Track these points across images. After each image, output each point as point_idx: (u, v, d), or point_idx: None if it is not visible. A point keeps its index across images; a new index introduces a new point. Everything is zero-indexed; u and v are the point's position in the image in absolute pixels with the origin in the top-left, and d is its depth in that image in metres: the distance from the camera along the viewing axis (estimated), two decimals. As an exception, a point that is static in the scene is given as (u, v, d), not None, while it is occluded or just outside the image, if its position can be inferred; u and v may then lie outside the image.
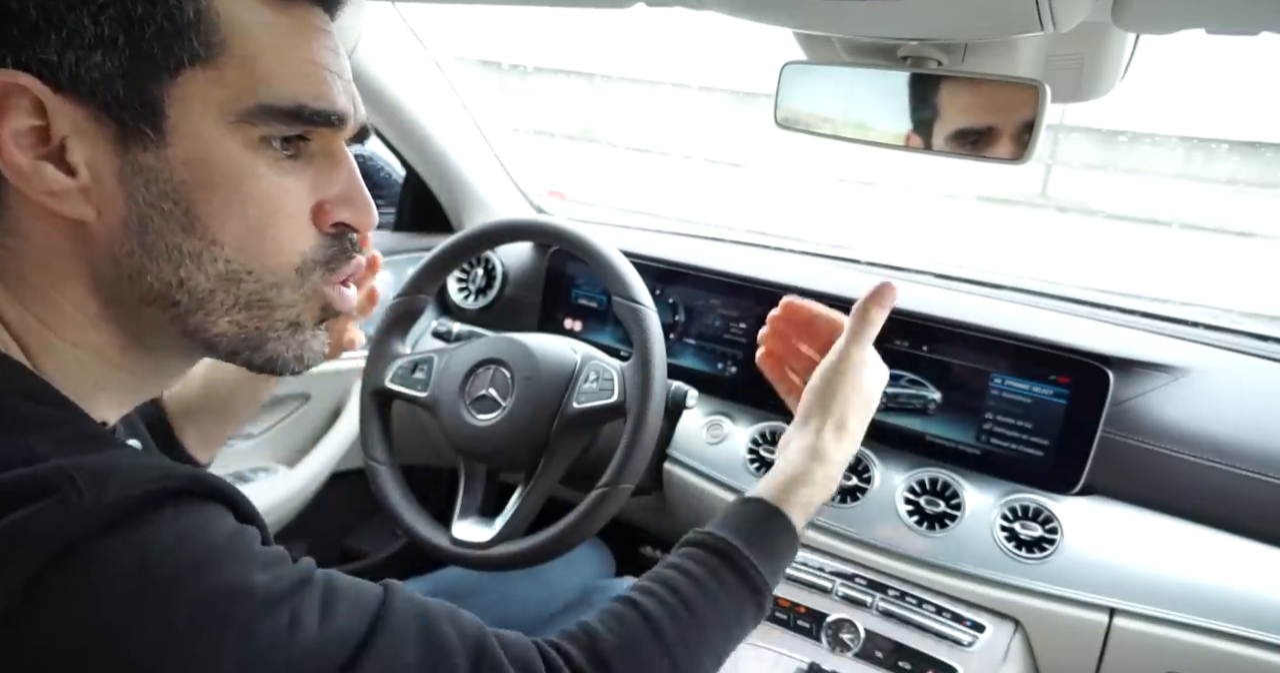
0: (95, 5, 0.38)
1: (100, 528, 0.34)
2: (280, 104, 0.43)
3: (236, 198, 0.43)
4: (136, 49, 0.40)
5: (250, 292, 0.45)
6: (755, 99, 6.55)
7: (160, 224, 0.42)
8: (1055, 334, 0.98)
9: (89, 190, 0.41)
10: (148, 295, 0.44)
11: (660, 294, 1.21)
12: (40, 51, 0.38)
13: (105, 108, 0.40)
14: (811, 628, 0.99)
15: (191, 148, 0.42)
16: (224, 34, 0.41)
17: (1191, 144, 5.91)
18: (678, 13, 0.68)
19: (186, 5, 0.40)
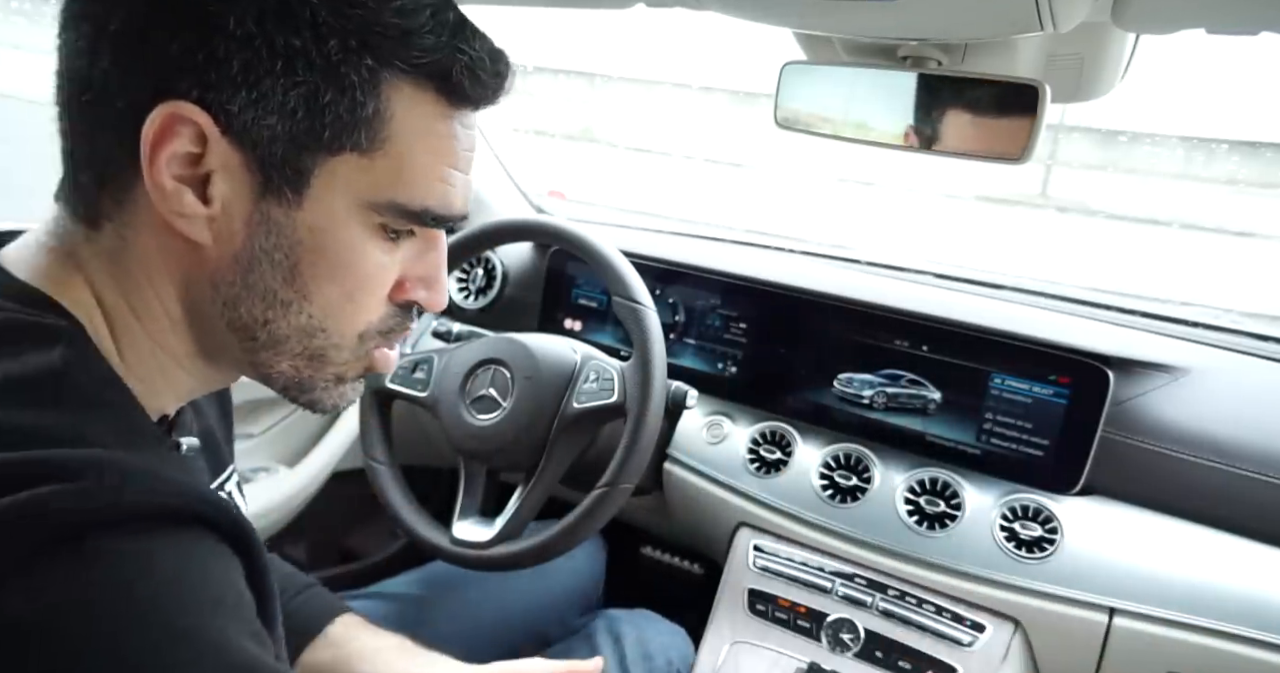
0: (292, 80, 0.42)
1: (109, 525, 0.35)
2: (410, 206, 0.47)
3: (339, 268, 0.47)
4: (310, 125, 0.43)
5: (318, 346, 0.49)
6: (755, 99, 6.56)
7: (266, 269, 0.46)
8: (1055, 334, 0.98)
9: (215, 221, 0.44)
10: (234, 323, 0.47)
11: (660, 294, 1.21)
12: (226, 99, 0.42)
13: (259, 161, 0.43)
14: (811, 628, 0.99)
15: (319, 217, 0.45)
16: (388, 132, 0.45)
17: (1191, 144, 5.91)
18: (678, 13, 0.68)
19: (368, 101, 0.44)
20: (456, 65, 0.46)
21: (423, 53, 0.45)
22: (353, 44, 0.43)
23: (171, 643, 0.34)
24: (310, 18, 0.42)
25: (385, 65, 0.44)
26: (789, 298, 1.13)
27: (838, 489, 1.03)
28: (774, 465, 1.07)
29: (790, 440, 1.09)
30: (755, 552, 1.05)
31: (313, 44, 0.42)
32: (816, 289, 1.11)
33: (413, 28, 0.44)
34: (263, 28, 0.41)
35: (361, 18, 0.43)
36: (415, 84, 0.45)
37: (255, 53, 0.41)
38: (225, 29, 0.41)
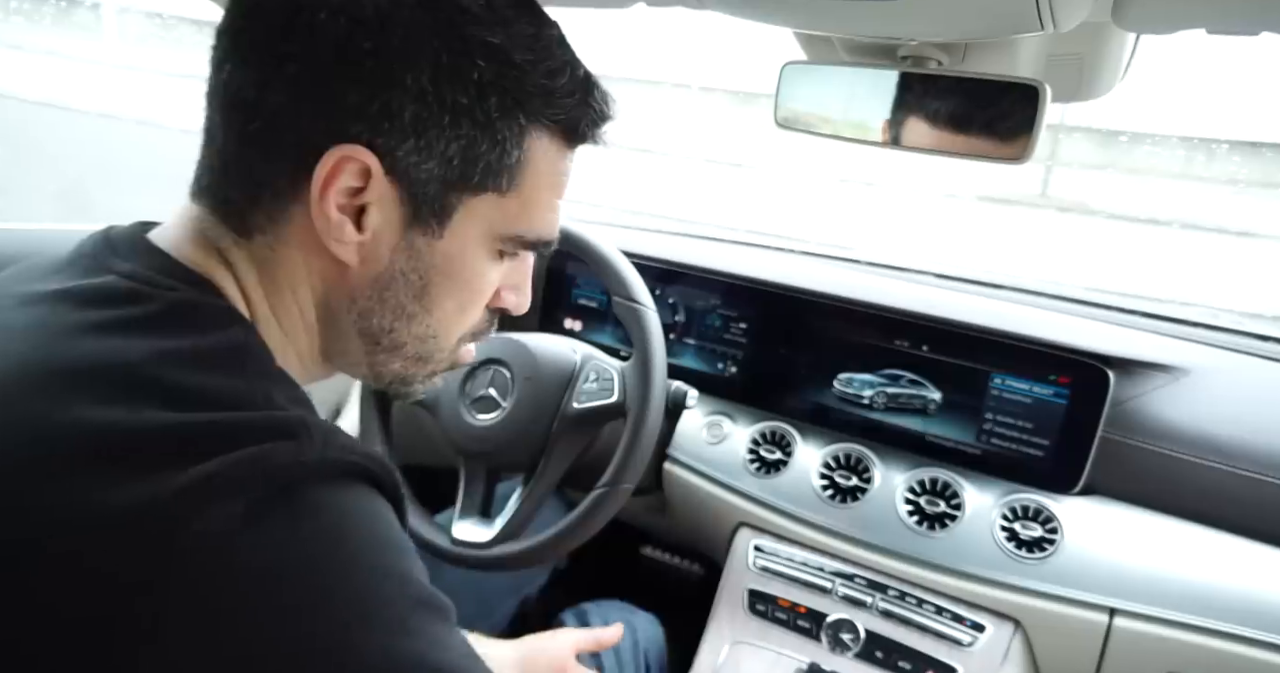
0: (455, 132, 0.47)
1: (318, 478, 0.40)
2: (528, 237, 0.54)
3: (461, 287, 0.54)
4: (463, 170, 0.49)
5: (428, 350, 0.56)
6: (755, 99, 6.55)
7: (400, 287, 0.52)
8: (1055, 334, 0.98)
9: (364, 246, 0.49)
10: (364, 331, 0.53)
11: (660, 294, 1.21)
12: (394, 145, 0.47)
13: (412, 197, 0.49)
14: (811, 628, 0.99)
15: (454, 246, 0.51)
16: (525, 176, 0.51)
17: (1191, 144, 5.91)
18: (678, 13, 0.68)
19: (513, 150, 0.50)
20: (585, 118, 0.53)
21: (561, 109, 0.51)
22: (509, 103, 0.48)
23: (380, 581, 0.39)
24: (477, 78, 0.47)
25: (532, 120, 0.50)
26: (789, 298, 1.13)
27: (838, 489, 1.03)
28: (774, 465, 1.07)
29: (790, 440, 1.09)
30: (755, 552, 1.05)
31: (476, 102, 0.47)
32: (817, 289, 1.11)
33: (556, 88, 0.50)
34: (436, 85, 0.46)
35: (518, 79, 0.48)
36: (550, 134, 0.52)
37: (426, 107, 0.46)
38: (403, 85, 0.46)
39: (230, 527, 0.36)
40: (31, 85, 7.11)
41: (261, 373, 0.46)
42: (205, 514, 0.36)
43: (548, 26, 0.51)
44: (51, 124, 6.49)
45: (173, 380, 0.41)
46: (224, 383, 0.42)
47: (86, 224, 1.24)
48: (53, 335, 0.42)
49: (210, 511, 0.36)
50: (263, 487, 0.37)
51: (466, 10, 0.47)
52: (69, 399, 0.39)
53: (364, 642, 0.37)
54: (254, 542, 0.36)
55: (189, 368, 0.42)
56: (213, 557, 0.35)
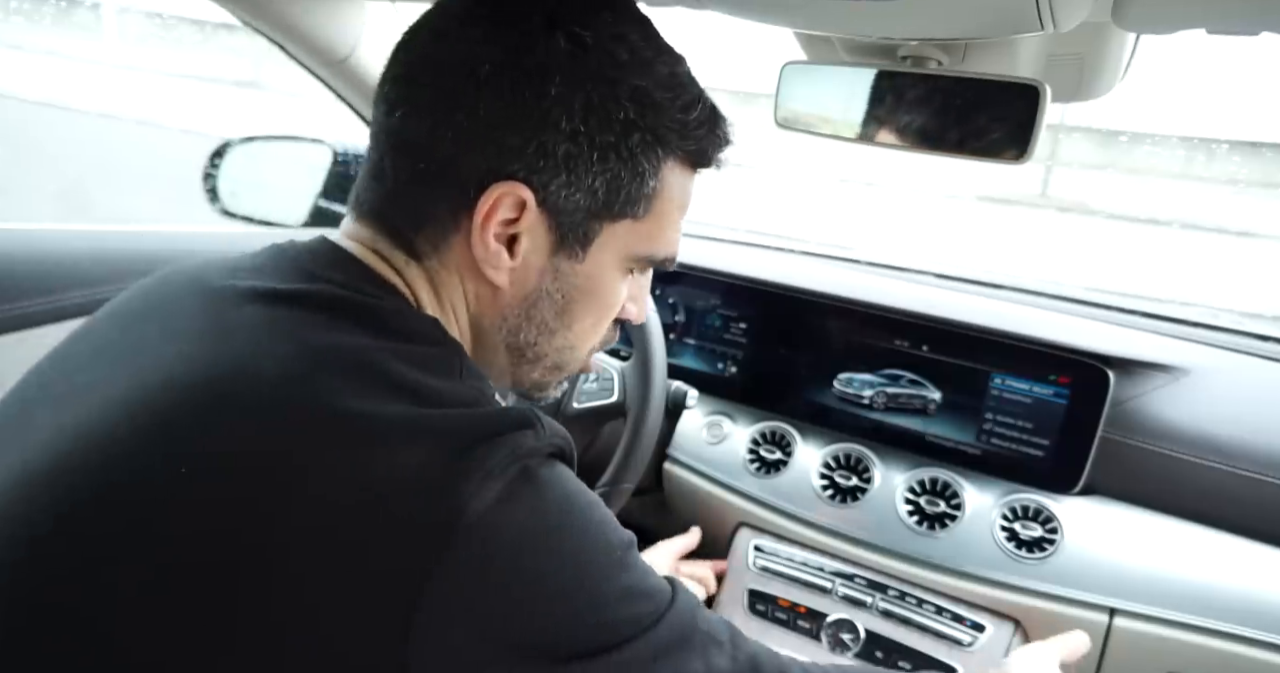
0: (603, 168, 0.52)
1: (544, 459, 0.46)
2: (656, 257, 0.59)
3: (598, 304, 0.58)
4: (606, 200, 0.53)
5: (565, 360, 0.61)
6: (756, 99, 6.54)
7: (544, 305, 0.57)
8: (1055, 334, 0.98)
9: (516, 270, 0.54)
10: (511, 343, 0.58)
11: (660, 294, 1.21)
12: (548, 181, 0.51)
13: (559, 226, 0.53)
14: (812, 628, 0.99)
15: (593, 268, 0.56)
16: (658, 202, 0.55)
17: (1191, 144, 5.91)
18: (678, 12, 0.68)
19: (650, 180, 0.54)
20: (714, 145, 0.57)
21: (694, 140, 0.55)
22: (650, 139, 0.53)
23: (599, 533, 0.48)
24: (623, 117, 0.51)
25: (669, 152, 0.54)
26: (789, 298, 1.13)
27: (838, 489, 1.03)
28: (774, 465, 1.07)
29: (790, 440, 1.09)
30: (755, 552, 1.05)
31: (622, 139, 0.52)
32: (817, 289, 1.11)
33: (689, 122, 0.54)
34: (586, 126, 0.50)
35: (657, 116, 0.53)
36: (682, 163, 0.56)
37: (577, 145, 0.51)
38: (558, 126, 0.50)
39: (494, 505, 0.42)
40: (31, 85, 7.12)
41: (475, 375, 0.52)
42: (478, 495, 0.42)
43: (680, 64, 0.55)
44: (51, 124, 6.49)
45: (414, 379, 0.46)
46: (456, 384, 0.49)
47: (87, 224, 1.25)
48: (303, 333, 0.48)
49: (482, 492, 0.42)
50: (515, 469, 0.44)
51: (614, 56, 0.51)
52: (334, 390, 0.44)
53: (604, 579, 0.46)
54: (511, 515, 0.43)
55: (421, 369, 0.47)
56: (484, 531, 0.41)
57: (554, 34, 0.51)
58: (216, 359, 0.47)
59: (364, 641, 0.39)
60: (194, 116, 6.23)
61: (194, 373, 0.46)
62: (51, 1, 7.86)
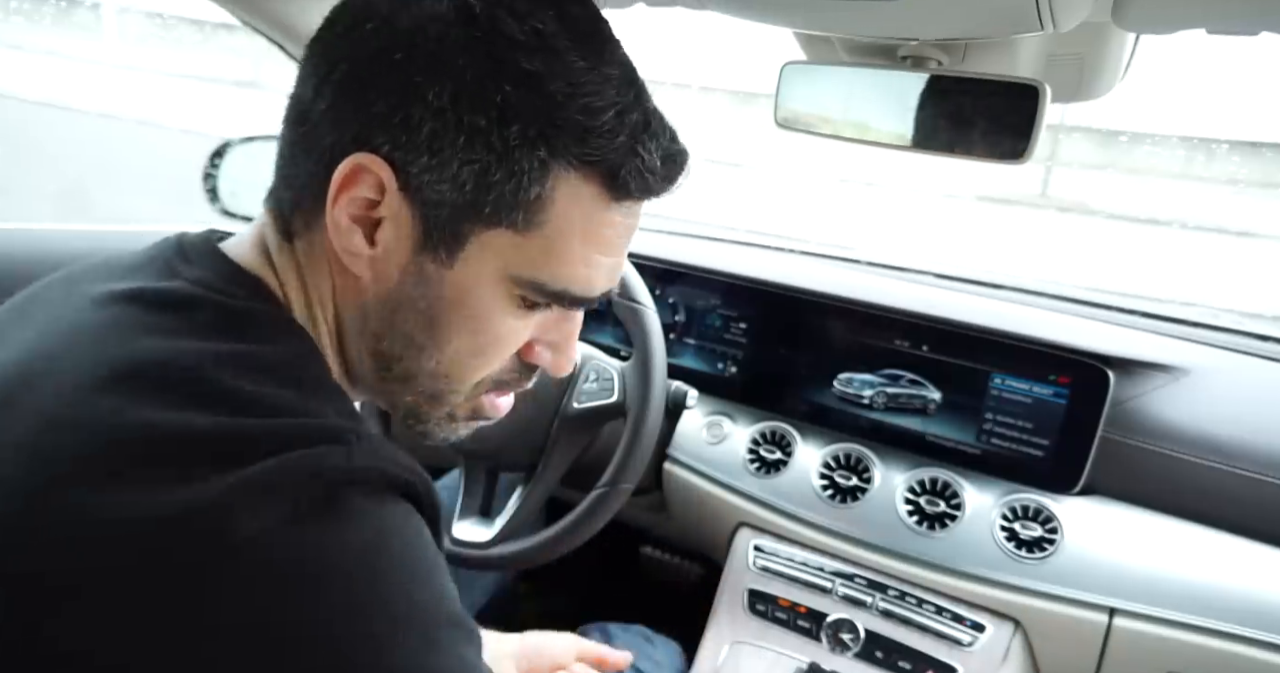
0: (469, 155, 0.45)
1: (363, 487, 0.40)
2: (550, 287, 0.50)
3: (473, 326, 0.50)
4: (474, 197, 0.46)
5: (439, 388, 0.53)
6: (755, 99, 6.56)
7: (409, 313, 0.50)
8: (1055, 334, 0.98)
9: (376, 261, 0.48)
10: (375, 354, 0.52)
11: (660, 294, 1.21)
12: (409, 160, 0.46)
13: (424, 219, 0.47)
14: (811, 628, 0.99)
15: (464, 278, 0.49)
16: (546, 216, 0.47)
17: (1191, 144, 5.91)
18: (678, 13, 0.68)
19: (533, 187, 0.46)
20: (627, 166, 0.48)
21: (596, 151, 0.47)
22: (531, 133, 0.45)
23: (413, 595, 0.40)
24: (499, 102, 0.45)
25: (556, 157, 0.46)
26: (789, 298, 1.13)
27: (838, 489, 1.03)
28: (774, 465, 1.07)
29: (790, 440, 1.09)
30: (755, 552, 1.05)
31: (495, 126, 0.45)
32: (817, 289, 1.11)
33: (593, 126, 0.46)
34: (456, 104, 0.45)
35: (545, 110, 0.45)
36: (582, 176, 0.48)
37: (444, 124, 0.45)
38: (424, 99, 0.45)
39: (276, 526, 0.37)
40: (31, 85, 7.11)
41: (317, 382, 0.46)
42: (255, 513, 0.37)
43: (610, 65, 0.48)
44: (51, 124, 6.49)
45: (233, 386, 0.41)
46: (280, 391, 0.43)
47: (87, 224, 1.24)
48: (121, 337, 0.44)
49: (260, 510, 0.37)
50: (309, 489, 0.38)
51: (505, 33, 0.45)
52: (134, 400, 0.40)
53: (392, 654, 0.38)
54: (298, 541, 0.37)
55: (248, 374, 0.42)
56: (259, 554, 0.36)
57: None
58: (25, 365, 0.43)
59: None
60: (194, 116, 6.23)
61: (5, 378, 0.42)
62: (51, 1, 7.85)
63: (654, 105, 0.50)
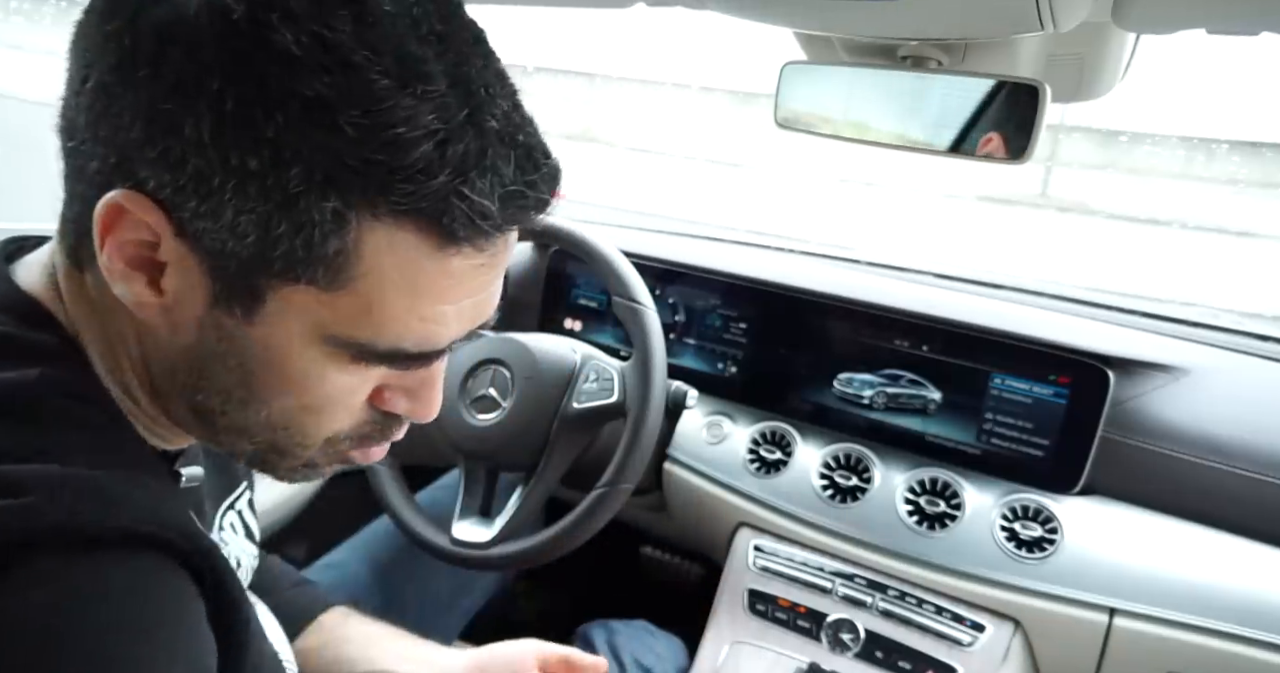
0: (243, 204, 0.36)
1: (50, 546, 0.34)
2: (377, 348, 0.41)
3: (297, 387, 0.42)
4: (260, 250, 0.37)
5: (280, 441, 0.45)
6: (755, 99, 6.56)
7: (219, 369, 0.42)
8: (1055, 334, 0.98)
9: (169, 312, 0.40)
10: (193, 405, 0.44)
11: (660, 294, 1.21)
12: (180, 202, 0.37)
13: (212, 270, 0.38)
14: (811, 628, 0.99)
15: (271, 337, 0.40)
16: (356, 273, 0.38)
17: (1191, 144, 5.91)
18: (678, 13, 0.68)
19: (330, 241, 0.37)
20: (451, 212, 0.37)
21: (406, 198, 0.37)
22: (317, 178, 0.36)
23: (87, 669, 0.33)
24: (273, 138, 0.35)
25: (353, 208, 0.37)
26: (789, 298, 1.13)
27: (838, 489, 1.03)
28: (774, 465, 1.07)
29: (790, 440, 1.09)
30: (755, 552, 1.05)
31: (270, 169, 0.35)
32: (817, 289, 1.11)
33: (400, 166, 0.36)
34: (218, 140, 0.35)
35: (334, 150, 0.35)
36: (395, 225, 0.37)
37: (209, 163, 0.36)
38: (180, 132, 0.35)
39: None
40: (31, 85, 7.12)
41: (53, 421, 0.38)
42: None
43: (431, 78, 0.36)
44: (52, 124, 6.48)
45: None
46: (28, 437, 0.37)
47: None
48: None
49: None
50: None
51: (275, 46, 0.34)
52: None
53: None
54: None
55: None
56: None
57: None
58: None
59: None
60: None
61: None
62: (51, 1, 7.85)
63: (498, 123, 0.38)
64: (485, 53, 0.40)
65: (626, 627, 1.01)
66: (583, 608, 1.20)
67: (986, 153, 0.72)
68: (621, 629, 1.01)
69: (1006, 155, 0.70)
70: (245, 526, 0.65)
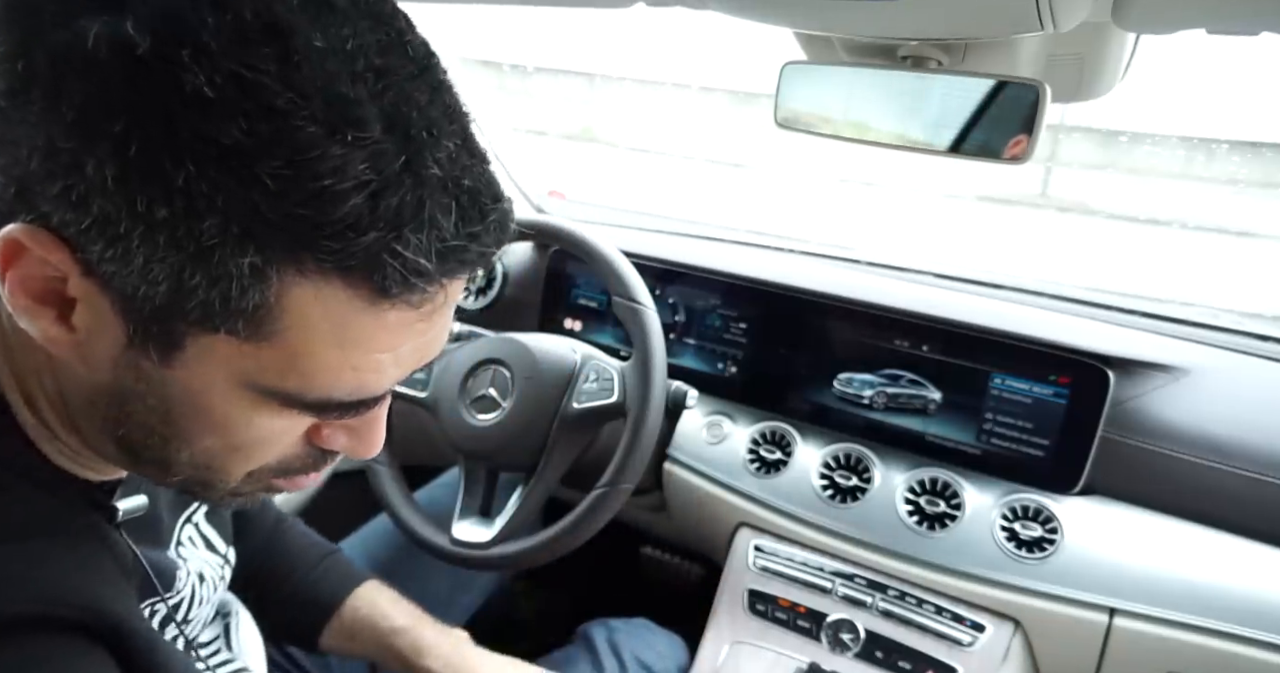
0: (152, 253, 0.33)
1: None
2: (305, 398, 0.39)
3: (223, 432, 0.40)
4: (173, 299, 0.34)
5: (206, 478, 0.44)
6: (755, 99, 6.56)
7: (140, 408, 0.39)
8: (1055, 334, 0.98)
9: (81, 348, 0.38)
10: (116, 439, 0.42)
11: (660, 294, 1.21)
12: (86, 243, 0.34)
13: (124, 312, 0.36)
14: (811, 628, 0.99)
15: (193, 383, 0.38)
16: (280, 327, 0.36)
17: (1191, 144, 5.91)
18: (678, 13, 0.68)
19: (249, 294, 0.34)
20: (383, 269, 0.35)
21: (332, 256, 0.34)
22: (234, 231, 0.33)
23: None
24: (184, 187, 0.32)
25: (274, 264, 0.34)
26: (789, 298, 1.13)
27: (838, 489, 1.03)
28: (774, 465, 1.07)
29: (790, 440, 1.08)
30: (755, 552, 1.05)
31: (182, 219, 0.32)
32: (817, 289, 1.11)
33: (327, 221, 0.33)
34: (122, 185, 0.32)
35: (252, 202, 0.32)
36: (322, 279, 0.35)
37: (115, 208, 0.32)
38: (82, 172, 0.32)
39: None
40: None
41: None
42: None
43: (364, 123, 0.33)
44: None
45: None
46: None
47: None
48: None
49: None
50: None
51: (185, 87, 0.31)
52: None
53: None
54: None
55: None
56: None
57: (97, 18, 0.31)
58: None
59: None
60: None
61: None
62: (51, 1, 7.84)
63: (440, 169, 0.35)
64: (433, 85, 0.36)
65: (627, 625, 1.01)
66: (582, 608, 1.20)
67: (987, 153, 0.72)
68: (622, 627, 1.01)
69: (1007, 155, 0.70)
70: (204, 537, 0.64)
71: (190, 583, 0.60)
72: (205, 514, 0.65)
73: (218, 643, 0.69)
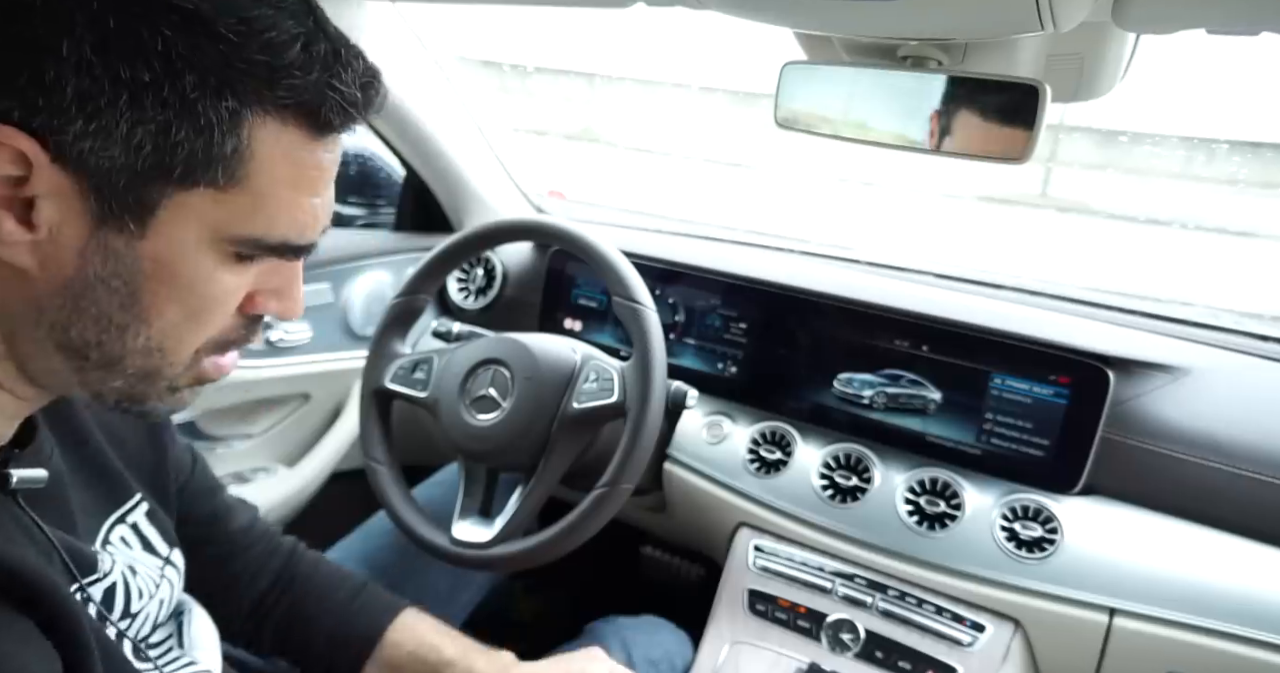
0: (139, 115, 0.39)
1: None
2: (268, 240, 0.45)
3: (185, 294, 0.45)
4: (158, 159, 0.40)
5: (153, 365, 0.47)
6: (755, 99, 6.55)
7: (101, 295, 0.43)
8: (1055, 334, 0.98)
9: (41, 246, 0.41)
10: (63, 345, 0.44)
11: (660, 294, 1.21)
12: (56, 126, 0.38)
13: (97, 190, 0.40)
14: (811, 628, 0.99)
15: (164, 248, 0.43)
16: (249, 169, 0.43)
17: (1191, 144, 5.90)
18: (678, 12, 0.68)
19: (228, 140, 0.41)
20: (328, 103, 0.43)
21: (290, 92, 0.42)
22: (212, 82, 0.40)
23: None
24: (162, 50, 0.38)
25: (251, 104, 0.41)
26: (789, 298, 1.13)
27: (838, 489, 1.03)
28: (774, 465, 1.07)
29: (790, 440, 1.08)
30: (755, 552, 1.05)
31: (165, 79, 0.38)
32: (817, 289, 1.11)
33: (281, 65, 0.41)
34: (104, 56, 0.37)
35: (223, 54, 0.39)
36: (281, 120, 0.43)
37: (95, 82, 0.38)
38: (57, 52, 0.37)
39: None
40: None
41: None
42: None
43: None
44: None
45: None
46: None
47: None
48: None
49: None
50: None
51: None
52: None
53: None
54: None
55: None
56: None
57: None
58: None
59: None
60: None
61: None
62: (51, 1, 7.84)
63: (335, 29, 0.44)
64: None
65: (635, 623, 1.01)
66: (583, 608, 1.20)
67: (987, 153, 0.72)
68: (628, 625, 1.01)
69: (1007, 155, 0.70)
70: (142, 538, 0.63)
71: (120, 572, 0.58)
72: (146, 514, 0.64)
73: (169, 642, 0.67)
